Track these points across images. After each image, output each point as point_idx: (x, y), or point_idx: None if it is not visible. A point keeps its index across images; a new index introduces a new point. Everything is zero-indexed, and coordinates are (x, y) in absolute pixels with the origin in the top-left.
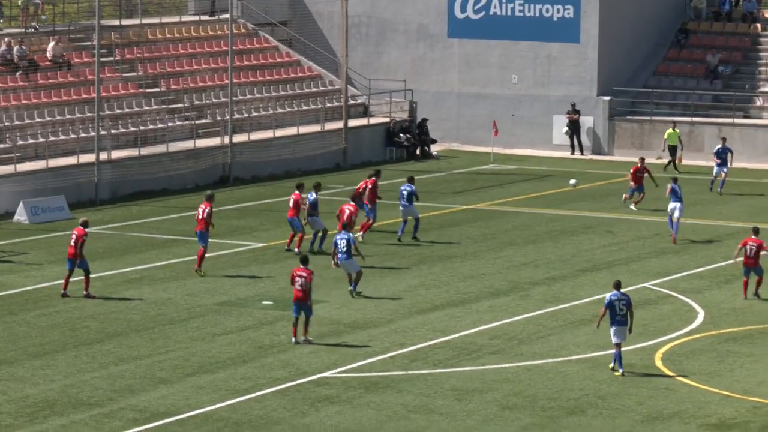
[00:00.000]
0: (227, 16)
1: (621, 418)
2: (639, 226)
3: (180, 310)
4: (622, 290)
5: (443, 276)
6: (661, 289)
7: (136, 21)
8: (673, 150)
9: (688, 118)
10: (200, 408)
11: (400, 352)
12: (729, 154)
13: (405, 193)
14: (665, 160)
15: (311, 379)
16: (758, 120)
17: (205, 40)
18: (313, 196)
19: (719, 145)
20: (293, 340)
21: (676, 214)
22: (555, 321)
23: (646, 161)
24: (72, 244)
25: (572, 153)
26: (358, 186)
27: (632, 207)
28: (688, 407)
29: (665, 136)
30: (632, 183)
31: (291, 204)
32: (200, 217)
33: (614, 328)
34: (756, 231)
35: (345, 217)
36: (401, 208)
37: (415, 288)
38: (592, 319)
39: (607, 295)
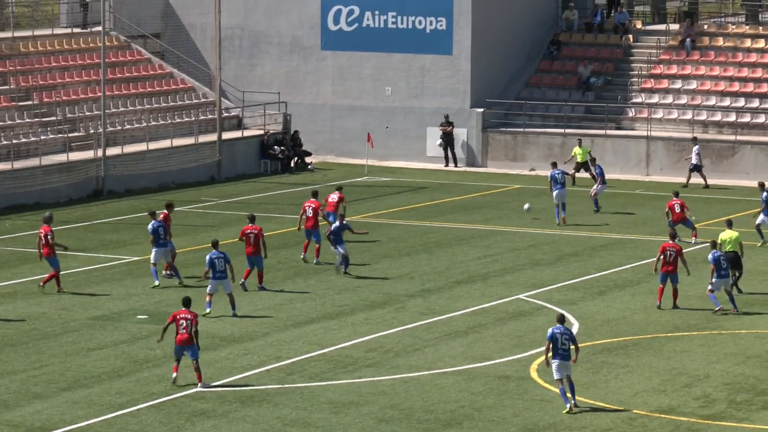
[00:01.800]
0: (99, 28)
1: (497, 430)
2: (513, 238)
3: (54, 325)
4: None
5: (318, 289)
6: (536, 301)
7: (8, 34)
8: (580, 166)
9: (561, 130)
10: (76, 423)
11: (276, 365)
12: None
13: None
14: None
15: (187, 394)
16: (630, 131)
17: (78, 52)
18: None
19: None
20: (174, 375)
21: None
22: (430, 333)
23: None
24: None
25: (446, 165)
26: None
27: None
28: (563, 418)
29: (573, 154)
30: None
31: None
32: (43, 242)
33: (557, 362)
34: (673, 236)
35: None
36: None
37: (291, 301)
38: (467, 331)
39: (550, 329)
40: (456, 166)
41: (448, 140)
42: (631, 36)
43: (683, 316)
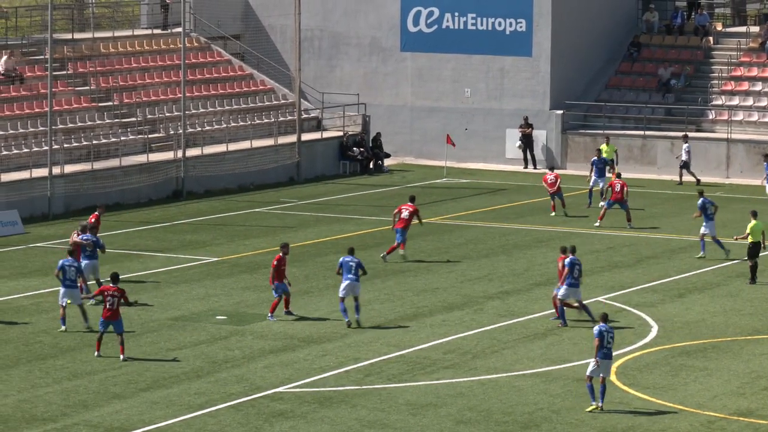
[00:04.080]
0: (180, 29)
1: None
2: (592, 240)
3: (134, 325)
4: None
5: (397, 290)
6: (615, 303)
7: (88, 35)
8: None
9: (641, 132)
10: (154, 423)
11: (354, 366)
12: (607, 166)
13: (353, 265)
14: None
15: (265, 394)
16: (710, 133)
17: (158, 53)
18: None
19: (595, 157)
20: (96, 353)
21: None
22: (509, 335)
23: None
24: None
25: (525, 167)
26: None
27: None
28: (642, 421)
29: (600, 150)
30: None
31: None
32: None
33: (600, 360)
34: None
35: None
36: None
37: (369, 302)
38: (546, 333)
39: (596, 327)
40: (535, 168)
41: (527, 142)
42: (711, 38)
43: (763, 319)
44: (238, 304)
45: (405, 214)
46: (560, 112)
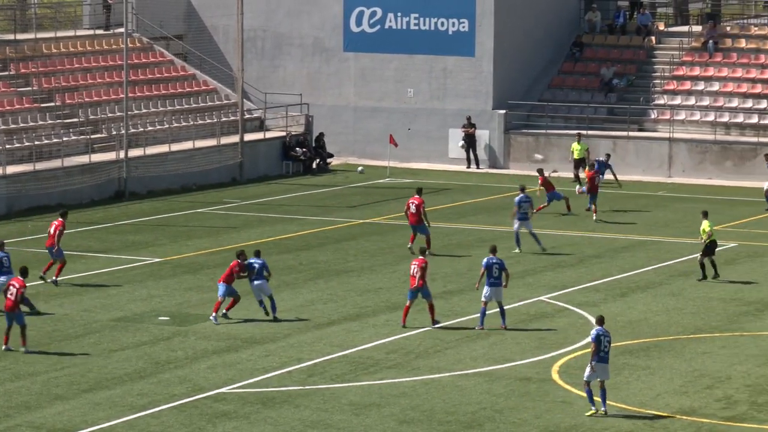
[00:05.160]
0: (122, 30)
1: (518, 431)
2: (529, 239)
3: (76, 326)
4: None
5: (340, 290)
6: (557, 302)
7: (30, 35)
8: (578, 163)
9: (583, 132)
10: (97, 424)
11: (297, 367)
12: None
13: (256, 266)
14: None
15: (208, 395)
16: (653, 133)
17: (100, 54)
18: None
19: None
20: (4, 347)
21: None
22: (452, 335)
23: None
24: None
25: (468, 167)
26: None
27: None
28: (585, 420)
29: (571, 150)
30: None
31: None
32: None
33: (597, 365)
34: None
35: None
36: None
37: (312, 302)
38: (489, 333)
39: (594, 331)
40: (478, 167)
41: (470, 142)
42: (653, 38)
43: (705, 318)
44: (181, 304)
45: (413, 208)
46: (503, 112)
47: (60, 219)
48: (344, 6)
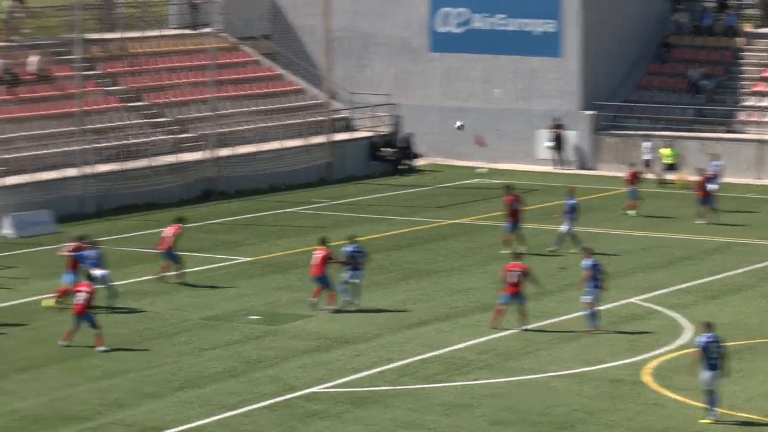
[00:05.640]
0: (209, 29)
1: None
2: (624, 241)
3: (167, 325)
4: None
5: (430, 290)
6: (648, 305)
7: (118, 35)
8: (670, 168)
9: (671, 133)
10: (188, 423)
11: (388, 366)
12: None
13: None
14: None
15: (300, 394)
16: (741, 134)
17: (187, 54)
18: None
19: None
20: (62, 342)
21: None
22: (544, 336)
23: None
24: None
25: (556, 167)
26: None
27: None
28: (677, 423)
29: (660, 155)
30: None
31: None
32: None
33: (710, 373)
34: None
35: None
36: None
37: (403, 302)
38: (581, 334)
39: (700, 338)
40: (566, 168)
41: (557, 142)
42: (741, 39)
43: None
44: (271, 304)
45: (516, 205)
46: (592, 112)
47: (177, 225)
48: (430, 6)
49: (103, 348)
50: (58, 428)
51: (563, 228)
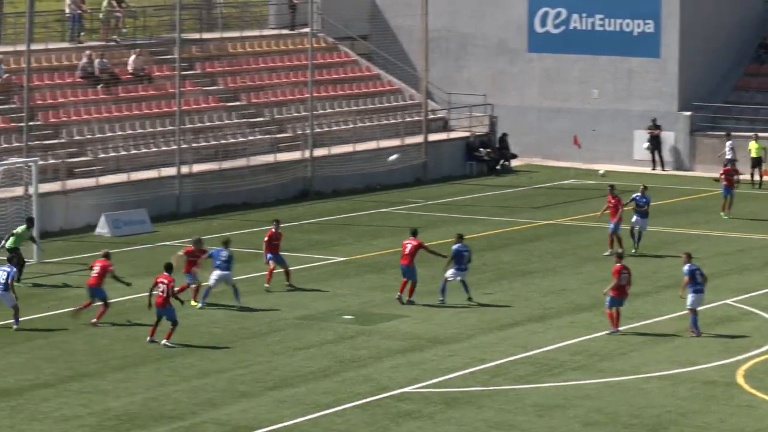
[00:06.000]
0: (307, 30)
1: None
2: (720, 242)
3: (261, 324)
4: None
5: (523, 291)
6: (743, 306)
7: (216, 35)
8: (756, 162)
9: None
10: (281, 422)
11: (480, 367)
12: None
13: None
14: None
15: (392, 394)
16: None
17: (286, 53)
18: None
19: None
20: (149, 339)
21: None
22: (637, 337)
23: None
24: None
25: (653, 168)
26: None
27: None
28: None
29: (749, 148)
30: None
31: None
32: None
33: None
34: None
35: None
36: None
37: (496, 303)
38: (673, 335)
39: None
40: (663, 169)
41: (655, 143)
42: None
43: None
44: (365, 304)
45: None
46: (689, 113)
47: (274, 229)
48: (528, 7)
49: (168, 343)
50: (152, 427)
51: (636, 226)
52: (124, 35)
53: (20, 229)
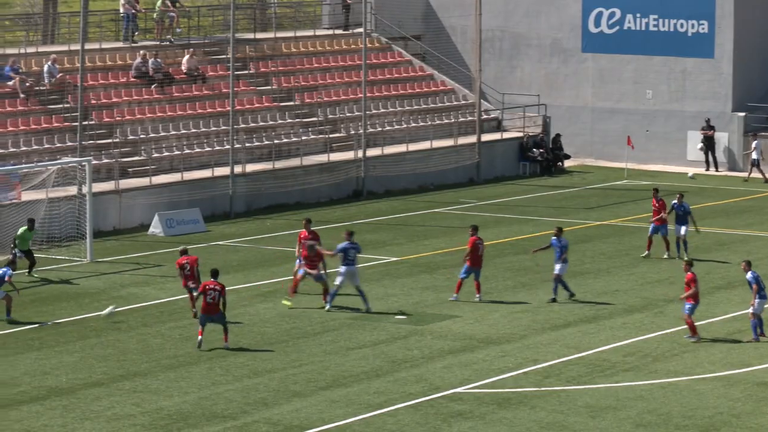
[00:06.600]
0: (361, 30)
1: None
2: None
3: (313, 324)
4: None
5: (577, 292)
6: None
7: (270, 35)
8: None
9: None
10: (333, 422)
11: (533, 368)
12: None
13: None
14: None
15: (444, 395)
16: None
17: (339, 53)
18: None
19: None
20: (199, 338)
21: None
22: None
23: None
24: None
25: (707, 169)
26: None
27: None
28: None
29: None
30: None
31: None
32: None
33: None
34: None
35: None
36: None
37: (549, 304)
38: (727, 337)
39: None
40: (717, 170)
41: (709, 144)
42: None
43: None
44: (418, 304)
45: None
46: (742, 114)
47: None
48: (583, 7)
49: (229, 345)
50: (204, 426)
51: (680, 232)
52: (178, 35)
53: (21, 230)
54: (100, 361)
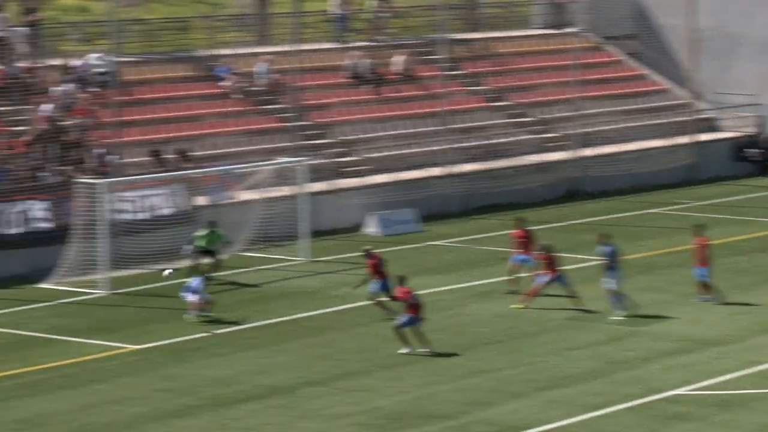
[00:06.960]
0: (573, 29)
1: None
2: None
3: (532, 324)
4: None
5: None
6: None
7: (481, 35)
8: None
9: None
10: (551, 423)
11: (753, 369)
12: None
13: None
14: None
15: (663, 396)
16: None
17: (551, 53)
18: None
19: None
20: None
21: None
22: None
23: None
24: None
25: None
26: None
27: None
28: None
29: None
30: None
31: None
32: None
33: None
34: None
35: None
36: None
37: (767, 305)
38: None
39: None
40: None
41: None
42: None
43: None
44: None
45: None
46: None
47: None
48: None
49: (405, 350)
50: (422, 426)
51: None
52: (390, 35)
53: (202, 231)
54: (316, 360)
